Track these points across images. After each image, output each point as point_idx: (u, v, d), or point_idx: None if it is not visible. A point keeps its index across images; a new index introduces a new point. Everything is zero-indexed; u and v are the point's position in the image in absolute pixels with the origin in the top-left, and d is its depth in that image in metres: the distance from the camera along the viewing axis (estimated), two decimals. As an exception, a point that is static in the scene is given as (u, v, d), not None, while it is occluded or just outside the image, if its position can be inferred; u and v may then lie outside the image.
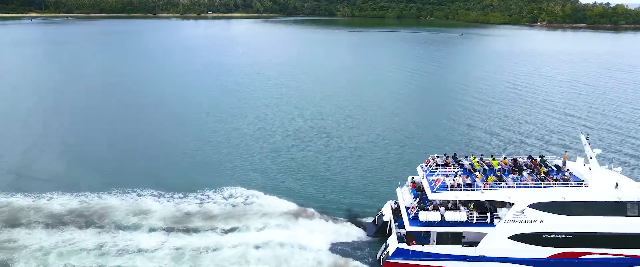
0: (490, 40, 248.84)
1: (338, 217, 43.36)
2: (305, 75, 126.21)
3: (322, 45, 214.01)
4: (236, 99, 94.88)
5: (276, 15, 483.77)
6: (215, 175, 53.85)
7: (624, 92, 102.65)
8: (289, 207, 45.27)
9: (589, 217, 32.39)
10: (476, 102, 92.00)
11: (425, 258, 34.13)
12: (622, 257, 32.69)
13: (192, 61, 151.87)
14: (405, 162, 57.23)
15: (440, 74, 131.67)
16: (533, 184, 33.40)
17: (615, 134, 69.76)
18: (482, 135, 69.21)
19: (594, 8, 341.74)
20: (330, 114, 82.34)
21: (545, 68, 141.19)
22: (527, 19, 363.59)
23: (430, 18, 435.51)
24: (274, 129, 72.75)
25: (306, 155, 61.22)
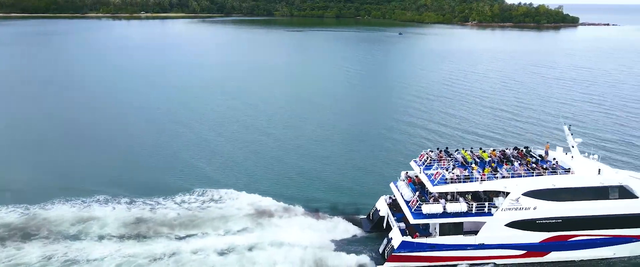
0: (429, 38, 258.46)
1: (331, 215, 43.74)
2: (255, 76, 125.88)
3: (268, 45, 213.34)
4: (191, 101, 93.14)
5: (213, 15, 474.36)
6: (190, 178, 53.07)
7: (563, 88, 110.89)
8: (278, 207, 45.00)
9: (576, 202, 35.13)
10: (432, 99, 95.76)
11: (429, 249, 35.54)
12: (605, 238, 35.74)
13: (135, 62, 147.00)
14: (389, 158, 59.47)
15: (393, 72, 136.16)
16: (525, 173, 35.75)
17: (582, 124, 75.35)
18: (449, 130, 72.34)
19: (519, 8, 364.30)
20: (298, 115, 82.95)
21: (479, 65, 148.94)
22: (459, 19, 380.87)
23: (368, 17, 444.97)
24: (246, 131, 72.34)
25: (284, 156, 61.23)
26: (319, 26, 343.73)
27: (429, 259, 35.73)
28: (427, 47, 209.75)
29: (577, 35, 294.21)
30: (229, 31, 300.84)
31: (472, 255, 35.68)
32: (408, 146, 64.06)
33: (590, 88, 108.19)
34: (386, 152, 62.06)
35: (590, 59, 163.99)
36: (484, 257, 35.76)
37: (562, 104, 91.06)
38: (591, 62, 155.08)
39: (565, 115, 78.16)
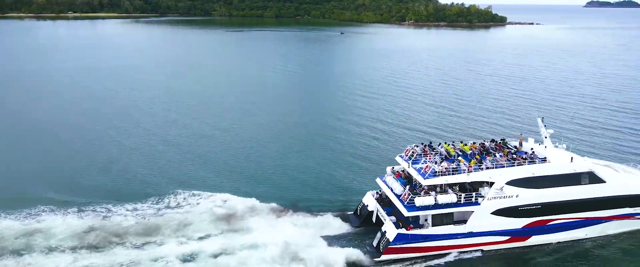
0: (370, 38, 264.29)
1: (319, 212, 44.30)
2: (203, 77, 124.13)
3: (211, 46, 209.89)
4: (139, 103, 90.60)
5: (147, 15, 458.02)
6: (159, 181, 51.71)
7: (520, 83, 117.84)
8: (265, 208, 44.91)
9: (553, 188, 38.00)
10: (382, 97, 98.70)
11: (423, 240, 37.12)
12: (578, 220, 38.91)
13: (68, 65, 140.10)
14: (366, 155, 60.91)
15: (345, 70, 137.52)
16: (507, 164, 38.24)
17: (517, 119, 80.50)
18: (420, 126, 75.18)
19: (452, 8, 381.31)
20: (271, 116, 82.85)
21: (420, 63, 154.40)
22: (396, 18, 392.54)
23: (308, 17, 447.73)
24: (201, 132, 71.39)
25: (252, 156, 61.14)
26: (260, 26, 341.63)
27: (422, 250, 37.32)
28: (370, 46, 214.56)
29: (505, 33, 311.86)
30: (166, 32, 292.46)
31: (462, 243, 37.67)
32: (376, 143, 65.95)
33: (522, 84, 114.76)
34: (364, 151, 63.05)
35: (519, 56, 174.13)
36: (472, 244, 37.85)
37: (496, 99, 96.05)
38: (521, 60, 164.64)
39: (502, 110, 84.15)
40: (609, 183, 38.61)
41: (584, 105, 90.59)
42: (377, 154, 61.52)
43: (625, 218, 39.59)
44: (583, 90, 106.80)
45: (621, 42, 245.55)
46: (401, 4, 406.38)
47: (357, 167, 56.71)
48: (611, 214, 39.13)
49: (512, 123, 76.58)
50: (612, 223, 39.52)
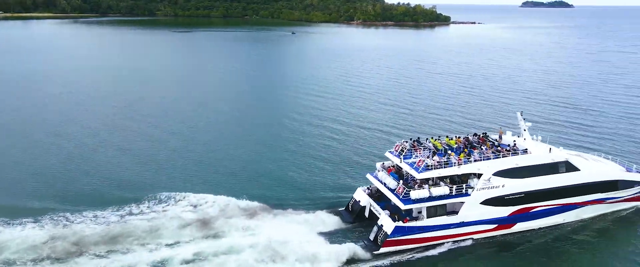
0: (321, 37, 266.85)
1: (311, 210, 44.83)
2: (155, 79, 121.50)
3: (159, 47, 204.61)
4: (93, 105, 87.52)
5: (87, 15, 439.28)
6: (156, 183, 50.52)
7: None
8: (255, 207, 44.94)
9: (534, 178, 40.58)
10: (335, 97, 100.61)
11: (419, 231, 38.62)
12: (557, 207, 41.73)
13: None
14: (345, 152, 61.98)
15: (304, 70, 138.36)
16: (493, 156, 40.48)
17: (469, 115, 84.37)
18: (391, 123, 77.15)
19: (399, 7, 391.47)
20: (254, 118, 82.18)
21: (372, 62, 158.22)
22: (345, 18, 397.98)
23: (256, 17, 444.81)
24: (157, 134, 70.32)
25: (239, 157, 60.93)
26: (207, 26, 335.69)
27: (419, 241, 38.81)
28: (322, 45, 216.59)
29: (450, 32, 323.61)
30: (107, 32, 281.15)
31: (455, 233, 39.49)
32: (355, 141, 67.35)
33: (470, 81, 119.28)
34: (341, 150, 64.12)
35: (465, 55, 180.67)
36: (464, 233, 39.76)
37: (448, 97, 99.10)
38: (467, 58, 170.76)
39: (454, 107, 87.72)
40: (583, 171, 41.73)
41: (529, 100, 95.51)
42: (354, 152, 62.86)
43: (598, 203, 42.89)
44: (526, 86, 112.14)
45: (555, 40, 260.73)
46: (349, 4, 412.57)
47: (335, 166, 57.62)
48: (585, 200, 42.28)
49: (464, 120, 79.43)
50: (587, 208, 42.71)
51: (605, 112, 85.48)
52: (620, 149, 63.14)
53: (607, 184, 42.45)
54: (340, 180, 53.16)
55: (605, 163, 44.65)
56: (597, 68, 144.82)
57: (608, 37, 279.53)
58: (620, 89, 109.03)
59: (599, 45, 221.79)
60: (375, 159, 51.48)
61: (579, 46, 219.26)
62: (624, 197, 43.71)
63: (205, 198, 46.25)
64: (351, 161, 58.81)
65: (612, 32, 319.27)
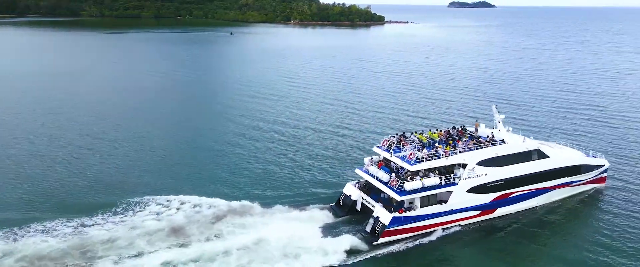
0: (261, 37, 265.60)
1: (302, 206, 45.84)
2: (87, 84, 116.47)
3: (93, 51, 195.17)
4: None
5: (1, 15, 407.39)
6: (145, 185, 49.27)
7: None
8: (243, 207, 45.13)
9: (512, 165, 44.06)
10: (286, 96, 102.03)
11: (413, 221, 40.76)
12: (531, 191, 45.49)
13: None
14: (324, 150, 63.36)
15: (248, 71, 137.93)
16: (475, 148, 43.49)
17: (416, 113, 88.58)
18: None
19: (335, 8, 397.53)
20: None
21: (316, 61, 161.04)
22: (281, 18, 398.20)
23: (190, 17, 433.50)
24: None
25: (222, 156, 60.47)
26: (139, 27, 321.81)
27: (413, 230, 40.95)
28: (263, 46, 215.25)
29: (385, 32, 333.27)
30: (26, 34, 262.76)
31: (445, 220, 42.04)
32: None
33: (412, 79, 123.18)
34: (315, 149, 65.44)
35: (401, 53, 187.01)
36: (453, 220, 42.42)
37: (393, 94, 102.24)
38: (405, 56, 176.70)
39: (399, 104, 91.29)
40: (552, 158, 45.82)
41: (467, 97, 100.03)
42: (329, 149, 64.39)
43: (565, 186, 47.24)
44: (463, 83, 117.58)
45: (484, 38, 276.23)
46: (285, 4, 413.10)
47: (309, 165, 59.00)
48: (555, 184, 46.44)
49: (410, 118, 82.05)
50: (556, 191, 46.91)
51: (536, 105, 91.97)
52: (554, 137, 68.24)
53: (572, 168, 46.86)
54: (318, 178, 54.41)
55: (567, 150, 49.18)
56: (524, 65, 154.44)
57: (529, 35, 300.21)
58: (547, 84, 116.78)
59: (523, 43, 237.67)
60: (346, 155, 53.77)
61: (505, 44, 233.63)
62: (586, 179, 48.47)
63: (190, 200, 46.12)
64: (312, 161, 59.96)
65: (532, 31, 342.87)
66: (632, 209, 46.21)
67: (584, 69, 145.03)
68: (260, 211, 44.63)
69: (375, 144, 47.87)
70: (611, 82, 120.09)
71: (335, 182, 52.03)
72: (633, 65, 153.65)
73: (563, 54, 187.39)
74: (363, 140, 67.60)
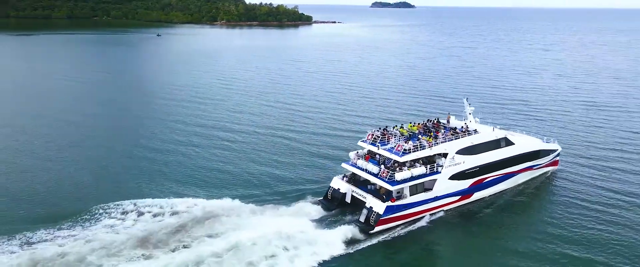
0: (189, 38, 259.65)
1: (290, 202, 46.76)
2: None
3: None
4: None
5: None
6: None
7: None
8: (233, 207, 45.53)
9: (485, 153, 47.93)
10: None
11: (405, 208, 43.20)
12: (501, 176, 49.67)
13: None
14: (299, 148, 64.26)
15: (185, 73, 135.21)
16: (454, 138, 46.91)
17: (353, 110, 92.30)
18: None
19: (262, 8, 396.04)
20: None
21: (249, 62, 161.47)
22: (208, 18, 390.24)
23: (108, 18, 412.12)
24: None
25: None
26: (51, 29, 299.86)
27: (405, 217, 43.41)
28: (193, 47, 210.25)
29: (314, 31, 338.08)
30: None
31: (431, 207, 44.94)
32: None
33: (348, 78, 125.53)
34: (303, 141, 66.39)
35: (333, 52, 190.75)
36: (438, 206, 45.43)
37: (329, 93, 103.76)
38: (338, 56, 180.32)
39: (337, 103, 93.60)
40: (517, 145, 50.40)
41: (403, 94, 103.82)
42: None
43: (528, 170, 52.10)
44: (398, 81, 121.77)
45: (409, 37, 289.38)
46: (210, 4, 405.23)
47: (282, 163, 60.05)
48: (520, 168, 51.09)
49: (351, 116, 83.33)
50: (521, 175, 51.61)
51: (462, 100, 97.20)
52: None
53: (533, 153, 51.81)
54: (300, 175, 55.61)
55: (526, 137, 54.20)
56: (450, 62, 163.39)
57: (450, 34, 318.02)
58: (474, 80, 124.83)
59: (446, 42, 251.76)
60: (298, 153, 56.24)
61: (430, 43, 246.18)
62: (544, 163, 53.77)
63: (185, 202, 45.71)
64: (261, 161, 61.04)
65: (453, 30, 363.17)
66: (580, 189, 51.76)
67: (504, 65, 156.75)
68: (250, 210, 44.89)
69: (332, 141, 49.95)
70: (529, 77, 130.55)
71: (315, 179, 53.59)
72: (545, 61, 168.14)
73: (484, 52, 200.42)
74: (315, 141, 68.56)
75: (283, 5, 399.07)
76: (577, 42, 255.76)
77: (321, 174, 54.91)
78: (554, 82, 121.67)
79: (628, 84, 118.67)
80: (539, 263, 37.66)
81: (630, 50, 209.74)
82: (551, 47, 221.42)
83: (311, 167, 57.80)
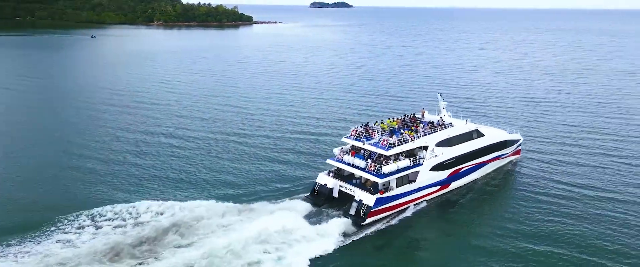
0: (126, 40, 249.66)
1: (277, 201, 47.21)
2: None
3: None
4: None
5: None
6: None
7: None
8: (222, 208, 45.47)
9: (460, 145, 50.77)
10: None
11: (392, 200, 44.94)
12: (474, 166, 52.73)
13: None
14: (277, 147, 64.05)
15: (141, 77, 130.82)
16: (433, 131, 49.34)
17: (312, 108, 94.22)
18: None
19: (200, 8, 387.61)
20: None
21: (195, 64, 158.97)
22: (143, 19, 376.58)
23: (32, 19, 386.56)
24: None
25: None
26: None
27: (393, 208, 45.15)
28: (132, 49, 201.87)
29: (256, 32, 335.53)
30: None
31: (416, 197, 47.02)
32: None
33: (299, 79, 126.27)
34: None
35: (277, 53, 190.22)
36: (421, 197, 47.59)
37: (278, 95, 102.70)
38: (283, 56, 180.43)
39: (289, 104, 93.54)
40: (487, 136, 53.78)
41: (353, 94, 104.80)
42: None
43: (496, 159, 55.66)
44: (347, 80, 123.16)
45: (351, 37, 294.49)
46: (145, 4, 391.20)
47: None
48: (490, 158, 54.50)
49: (301, 117, 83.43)
50: (490, 164, 55.04)
51: (412, 98, 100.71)
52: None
53: (500, 144, 55.43)
54: (282, 175, 56.12)
55: (493, 129, 57.80)
56: (394, 61, 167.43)
57: (391, 34, 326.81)
58: (419, 78, 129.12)
59: (387, 42, 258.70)
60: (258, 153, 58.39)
61: (372, 43, 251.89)
62: (510, 152, 57.67)
63: (172, 205, 45.03)
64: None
65: (393, 30, 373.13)
66: (542, 176, 56.13)
67: (446, 64, 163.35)
68: (239, 210, 44.99)
69: (286, 144, 53.12)
70: (470, 74, 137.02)
71: (296, 177, 54.34)
72: (483, 59, 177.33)
73: (425, 51, 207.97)
74: (269, 144, 69.06)
75: (222, 5, 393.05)
76: (509, 40, 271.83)
77: (291, 173, 55.56)
78: (493, 79, 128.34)
79: (559, 80, 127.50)
80: (514, 241, 41.02)
81: (556, 48, 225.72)
82: (486, 46, 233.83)
83: (268, 171, 56.76)
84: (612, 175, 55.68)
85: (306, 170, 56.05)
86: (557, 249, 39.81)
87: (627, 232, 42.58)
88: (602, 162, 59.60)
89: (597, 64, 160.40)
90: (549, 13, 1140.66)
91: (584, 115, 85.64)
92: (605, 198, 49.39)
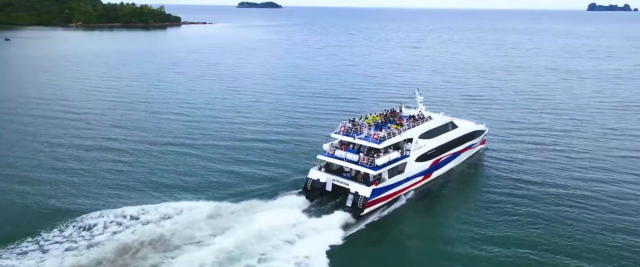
0: (45, 42, 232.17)
1: (272, 198, 47.53)
2: None
3: None
4: None
5: None
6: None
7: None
8: (218, 207, 45.12)
9: (438, 136, 53.72)
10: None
11: (386, 190, 46.77)
12: (450, 156, 55.92)
13: None
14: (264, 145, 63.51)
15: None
16: (415, 125, 51.84)
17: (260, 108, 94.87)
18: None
19: (124, 8, 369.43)
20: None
21: (122, 67, 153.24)
22: (60, 20, 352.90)
23: None
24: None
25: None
26: None
27: (387, 198, 46.96)
28: (52, 51, 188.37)
29: (185, 33, 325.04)
30: None
31: (405, 187, 49.13)
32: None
33: (238, 81, 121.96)
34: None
35: (211, 55, 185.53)
36: (409, 186, 49.78)
37: (219, 99, 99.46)
38: (215, 58, 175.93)
39: (229, 106, 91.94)
40: (460, 127, 57.31)
41: (296, 95, 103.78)
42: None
43: (467, 149, 59.36)
44: (286, 81, 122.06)
45: (284, 37, 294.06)
46: (61, 4, 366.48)
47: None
48: (463, 148, 58.05)
49: (248, 119, 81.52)
50: (463, 154, 58.63)
51: (358, 99, 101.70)
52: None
53: (471, 134, 59.22)
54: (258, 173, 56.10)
55: (463, 120, 61.51)
56: (331, 61, 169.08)
57: (323, 33, 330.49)
58: (360, 77, 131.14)
59: (321, 41, 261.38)
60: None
61: (306, 43, 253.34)
62: (478, 142, 61.70)
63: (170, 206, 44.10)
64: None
65: (324, 30, 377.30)
66: (506, 165, 60.44)
67: (382, 63, 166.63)
68: (235, 210, 44.80)
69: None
70: (408, 73, 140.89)
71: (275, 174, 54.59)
72: (416, 58, 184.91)
73: (359, 51, 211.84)
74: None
75: (147, 5, 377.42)
76: (436, 39, 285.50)
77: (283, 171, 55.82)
78: (430, 77, 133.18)
79: (491, 77, 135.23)
80: (494, 223, 44.34)
81: (482, 46, 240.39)
82: (418, 45, 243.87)
83: (248, 172, 57.12)
84: (553, 164, 59.51)
85: (285, 169, 56.30)
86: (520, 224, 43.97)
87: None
88: (546, 157, 62.44)
89: (521, 61, 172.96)
90: (464, 13, 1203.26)
91: (521, 112, 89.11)
92: (548, 184, 53.38)
